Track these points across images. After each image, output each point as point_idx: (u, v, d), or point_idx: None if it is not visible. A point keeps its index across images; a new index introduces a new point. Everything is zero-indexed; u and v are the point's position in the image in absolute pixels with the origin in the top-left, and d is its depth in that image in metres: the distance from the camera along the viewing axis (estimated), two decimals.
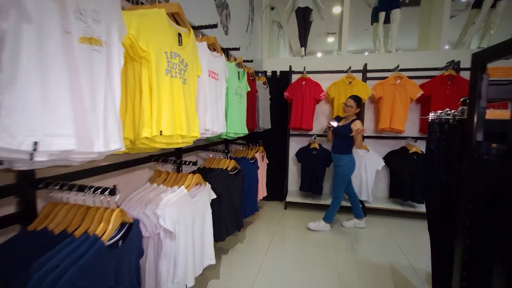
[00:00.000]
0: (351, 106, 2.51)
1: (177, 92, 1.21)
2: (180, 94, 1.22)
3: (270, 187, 3.45)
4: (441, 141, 1.22)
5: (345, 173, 2.59)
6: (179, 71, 1.23)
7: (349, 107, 2.52)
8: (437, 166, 1.10)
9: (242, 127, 2.21)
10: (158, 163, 1.54)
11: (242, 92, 2.21)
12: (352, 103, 2.51)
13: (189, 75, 1.32)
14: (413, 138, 3.09)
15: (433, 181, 1.15)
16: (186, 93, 1.29)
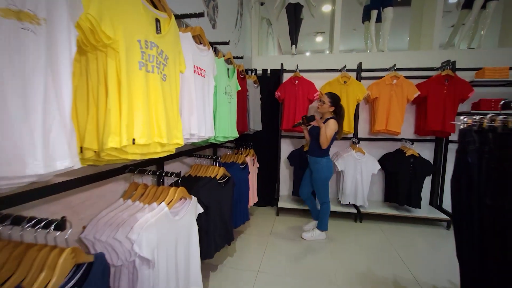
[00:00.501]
0: (324, 102, 2.36)
1: (154, 91, 0.99)
2: (159, 93, 1.00)
3: (261, 192, 3.26)
4: (482, 153, 0.97)
5: (324, 176, 2.43)
6: (157, 65, 1.01)
7: (321, 103, 2.37)
8: (479, 185, 0.92)
9: (232, 129, 2.00)
10: (134, 174, 1.31)
11: (232, 91, 2.00)
12: (326, 99, 2.34)
13: (170, 71, 1.10)
14: (409, 140, 2.98)
15: (472, 202, 0.95)
16: (166, 92, 1.07)
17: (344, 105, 2.83)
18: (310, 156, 2.49)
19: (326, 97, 2.36)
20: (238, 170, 2.32)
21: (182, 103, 1.33)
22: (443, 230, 2.80)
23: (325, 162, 2.41)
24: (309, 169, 2.56)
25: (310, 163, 2.50)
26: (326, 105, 2.35)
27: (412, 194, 2.81)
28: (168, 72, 1.08)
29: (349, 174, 2.93)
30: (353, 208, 3.01)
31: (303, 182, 2.62)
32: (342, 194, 2.99)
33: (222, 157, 2.46)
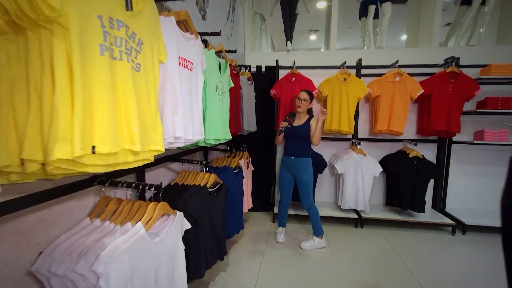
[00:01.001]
0: (305, 99, 2.22)
1: (123, 84, 0.77)
2: (129, 86, 0.78)
3: (256, 197, 3.06)
4: None
5: (311, 178, 2.31)
6: (127, 50, 0.79)
7: (303, 101, 2.23)
8: None
9: (224, 131, 1.79)
10: (105, 187, 1.08)
11: (224, 88, 1.79)
12: (306, 96, 2.22)
13: (146, 60, 0.88)
14: (412, 140, 2.83)
15: None
16: (140, 85, 0.85)
17: (344, 104, 2.66)
18: (297, 158, 2.28)
19: (306, 94, 2.24)
20: (231, 176, 2.11)
21: (164, 101, 1.11)
22: (448, 236, 2.66)
23: (311, 162, 2.32)
24: (290, 173, 2.36)
25: (297, 165, 2.29)
26: (307, 102, 2.23)
27: (416, 198, 2.66)
28: (143, 61, 0.86)
29: (350, 177, 2.76)
30: (353, 213, 2.84)
31: (284, 190, 2.43)
32: (342, 198, 2.82)
33: (214, 161, 2.24)
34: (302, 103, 2.23)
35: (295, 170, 2.32)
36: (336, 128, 2.77)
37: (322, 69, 3.00)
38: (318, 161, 2.85)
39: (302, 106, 2.24)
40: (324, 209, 2.96)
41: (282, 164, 2.40)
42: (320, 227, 2.38)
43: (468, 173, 2.99)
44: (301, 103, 2.23)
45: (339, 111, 2.75)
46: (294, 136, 2.27)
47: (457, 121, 2.54)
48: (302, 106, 2.24)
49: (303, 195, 2.33)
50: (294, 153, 2.31)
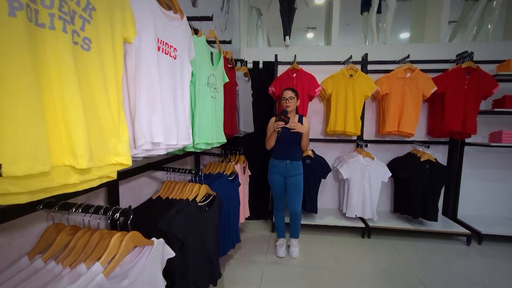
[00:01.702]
0: (292, 97, 2.04)
1: (57, 66, 0.50)
2: (68, 70, 0.51)
3: (253, 204, 2.80)
4: None
5: (302, 181, 2.16)
6: (65, 15, 0.52)
7: (290, 99, 2.04)
8: None
9: (218, 133, 1.53)
10: (54, 211, 0.81)
11: (218, 83, 1.52)
12: (292, 94, 2.05)
13: (100, 33, 0.62)
14: (423, 142, 2.60)
15: None
16: (91, 71, 0.58)
17: (350, 102, 2.42)
18: (292, 162, 2.11)
19: (290, 92, 2.06)
20: (226, 184, 1.85)
21: (138, 96, 0.85)
22: (463, 246, 2.44)
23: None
24: (282, 178, 2.16)
25: (292, 169, 2.11)
26: (294, 100, 2.05)
27: (428, 206, 2.43)
28: (95, 35, 0.59)
29: (356, 182, 2.53)
30: (360, 222, 2.61)
31: (279, 196, 2.24)
32: (348, 205, 2.58)
33: (206, 167, 1.98)
34: (289, 102, 2.04)
35: (289, 174, 2.13)
36: (341, 129, 2.53)
37: (324, 65, 2.76)
38: (321, 165, 2.60)
39: (291, 105, 2.05)
40: (327, 217, 2.72)
41: (272, 169, 2.18)
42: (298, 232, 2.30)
43: (482, 178, 2.78)
44: (289, 102, 2.04)
45: (344, 110, 2.51)
46: (288, 138, 2.04)
47: (473, 121, 2.32)
48: (291, 105, 2.05)
49: (298, 198, 2.17)
50: (289, 157, 2.11)
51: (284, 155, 2.10)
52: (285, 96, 2.06)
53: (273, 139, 2.06)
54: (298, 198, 2.18)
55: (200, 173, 1.35)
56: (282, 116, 1.94)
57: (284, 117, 1.93)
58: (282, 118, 1.93)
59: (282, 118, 1.93)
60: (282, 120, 1.92)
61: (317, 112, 2.91)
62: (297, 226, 2.27)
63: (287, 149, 2.10)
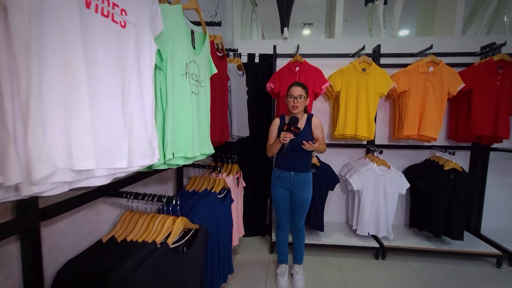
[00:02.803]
0: (301, 96, 1.66)
1: None
2: None
3: (249, 218, 2.42)
4: None
5: (311, 197, 1.81)
6: None
7: (299, 98, 1.66)
8: None
9: (202, 142, 1.13)
10: None
11: (202, 74, 1.12)
12: (302, 91, 1.67)
13: None
14: (443, 147, 2.25)
15: None
16: None
17: (363, 102, 2.05)
18: (298, 173, 1.74)
19: (301, 88, 1.68)
20: (215, 204, 1.45)
21: (39, 83, 0.44)
22: (492, 268, 2.10)
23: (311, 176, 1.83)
24: (287, 191, 1.79)
25: (298, 182, 1.75)
26: (304, 99, 1.68)
27: (452, 222, 2.08)
28: None
29: (369, 195, 2.16)
30: (373, 241, 2.24)
31: (282, 213, 1.85)
32: (359, 222, 2.21)
33: (190, 182, 1.57)
34: (298, 101, 1.66)
35: (295, 188, 1.76)
36: (352, 132, 2.16)
37: (329, 59, 2.38)
38: (328, 174, 2.22)
39: (300, 106, 1.67)
40: (335, 234, 2.35)
41: (275, 181, 1.80)
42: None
43: (509, 187, 2.45)
44: (297, 101, 1.66)
45: (355, 110, 2.13)
46: (295, 145, 1.66)
47: (506, 123, 1.98)
48: (300, 106, 1.67)
49: (301, 215, 1.84)
50: (294, 167, 1.73)
51: (288, 165, 1.73)
52: (293, 94, 1.67)
53: (275, 149, 1.68)
54: (302, 215, 1.84)
55: (175, 201, 0.94)
56: (292, 126, 1.56)
57: (294, 128, 1.56)
58: (292, 129, 1.55)
59: (291, 130, 1.55)
60: (291, 131, 1.55)
61: (321, 112, 2.53)
62: (301, 248, 1.92)
63: (293, 158, 1.72)
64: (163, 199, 0.93)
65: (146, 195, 0.94)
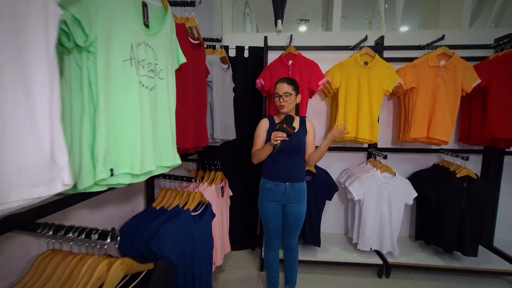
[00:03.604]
0: (288, 93, 1.43)
1: None
2: None
3: (237, 230, 2.17)
4: None
5: (305, 210, 1.57)
6: None
7: (285, 96, 1.43)
8: None
9: (162, 152, 0.87)
10: None
11: (160, 62, 0.85)
12: (288, 88, 1.44)
13: None
14: (452, 151, 2.01)
15: None
16: None
17: (364, 100, 1.80)
18: (293, 184, 1.48)
19: (286, 84, 1.44)
20: (187, 224, 1.18)
21: None
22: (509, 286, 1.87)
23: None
24: (279, 206, 1.53)
25: (293, 195, 1.49)
26: (292, 96, 1.44)
27: (466, 237, 1.84)
28: None
29: (371, 205, 1.91)
30: (376, 257, 1.99)
31: (273, 231, 1.58)
32: (360, 235, 1.96)
33: (159, 197, 1.30)
34: (284, 100, 1.42)
35: (289, 202, 1.50)
36: (352, 135, 1.90)
37: (326, 52, 2.12)
38: (326, 183, 1.97)
39: (287, 104, 1.43)
40: (332, 249, 2.10)
41: (265, 195, 1.54)
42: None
43: None
44: (283, 100, 1.42)
45: (356, 110, 1.88)
46: (287, 149, 1.42)
47: None
48: (286, 105, 1.43)
49: (295, 233, 1.59)
50: (290, 177, 1.48)
51: (282, 175, 1.47)
52: (278, 92, 1.43)
53: (264, 154, 1.42)
54: (296, 233, 1.59)
55: (111, 238, 0.67)
56: (285, 125, 1.30)
57: (288, 126, 1.30)
58: (285, 128, 1.29)
59: (284, 128, 1.29)
60: (284, 130, 1.29)
61: (318, 112, 2.27)
62: (294, 269, 1.69)
63: (287, 165, 1.46)
64: (93, 235, 0.66)
65: (71, 229, 0.67)
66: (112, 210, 1.13)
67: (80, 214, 0.93)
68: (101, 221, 1.08)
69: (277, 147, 1.31)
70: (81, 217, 0.93)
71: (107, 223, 1.13)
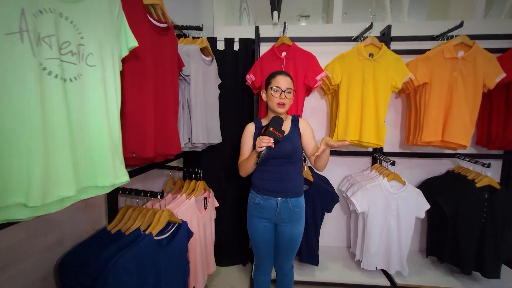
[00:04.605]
0: (290, 89, 1.21)
1: None
2: None
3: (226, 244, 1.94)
4: None
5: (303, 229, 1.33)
6: None
7: (287, 93, 1.20)
8: None
9: (97, 167, 0.63)
10: None
11: (89, 43, 0.61)
12: (290, 83, 1.22)
13: None
14: (472, 156, 1.76)
15: None
16: None
17: (370, 97, 1.56)
18: (288, 200, 1.23)
19: (289, 78, 1.22)
20: (149, 253, 0.94)
21: None
22: None
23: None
24: (271, 225, 1.30)
25: (288, 213, 1.25)
26: (292, 94, 1.22)
27: (487, 256, 1.59)
28: None
29: (377, 218, 1.66)
30: (382, 277, 1.74)
31: (264, 253, 1.34)
32: (364, 252, 1.71)
33: (116, 218, 1.05)
34: (286, 96, 1.19)
35: (282, 220, 1.26)
36: (355, 138, 1.66)
37: (325, 44, 1.87)
38: (325, 193, 1.72)
39: (287, 103, 1.21)
40: (333, 266, 1.85)
41: (253, 211, 1.30)
42: None
43: None
44: (285, 97, 1.19)
45: (360, 109, 1.63)
46: (281, 156, 1.20)
47: None
48: (287, 103, 1.20)
49: (290, 256, 1.35)
50: (283, 190, 1.23)
51: (272, 188, 1.23)
52: (279, 86, 1.18)
53: (251, 164, 1.17)
54: (291, 256, 1.36)
55: None
56: (271, 127, 1.05)
57: (275, 130, 1.05)
58: (271, 131, 1.04)
59: (270, 132, 1.04)
60: (270, 134, 1.04)
61: (316, 111, 2.02)
62: None
63: (277, 176, 1.22)
64: None
65: None
66: (66, 230, 0.91)
67: (13, 242, 0.71)
68: (47, 246, 0.85)
69: (262, 155, 1.06)
70: (16, 245, 0.71)
71: (55, 249, 0.90)
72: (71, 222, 0.96)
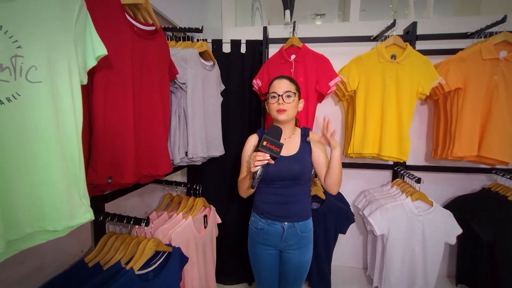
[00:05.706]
0: (290, 93, 1.04)
1: None
2: None
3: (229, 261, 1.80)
4: None
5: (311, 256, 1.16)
6: None
7: (286, 97, 1.03)
8: None
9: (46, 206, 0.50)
10: None
11: (30, 54, 0.48)
12: (290, 87, 1.05)
13: None
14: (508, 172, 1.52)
15: None
16: None
17: (391, 105, 1.36)
18: (295, 224, 1.07)
19: (288, 81, 1.06)
20: None
21: None
22: None
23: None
24: (275, 251, 1.14)
25: (292, 239, 1.08)
26: (295, 97, 1.05)
27: None
28: None
29: (399, 243, 1.46)
30: None
31: (267, 282, 1.18)
32: (384, 279, 1.51)
33: (96, 248, 0.93)
34: (284, 101, 1.02)
35: (288, 248, 1.10)
36: (373, 151, 1.46)
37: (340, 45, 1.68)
38: (339, 212, 1.53)
39: (289, 109, 1.03)
40: None
41: (256, 236, 1.15)
42: None
43: None
44: (283, 102, 1.02)
45: (380, 118, 1.43)
46: (283, 178, 1.02)
47: None
48: (289, 109, 1.03)
49: (297, 285, 1.17)
50: (287, 215, 1.07)
51: (278, 212, 1.07)
52: (275, 91, 1.03)
53: (247, 187, 1.03)
54: (299, 284, 1.19)
55: None
56: (265, 141, 0.88)
57: (270, 143, 0.88)
58: (265, 146, 0.88)
59: (265, 147, 0.88)
60: (265, 149, 0.88)
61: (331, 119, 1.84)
62: None
63: (284, 199, 1.06)
64: None
65: None
66: (47, 256, 0.81)
67: None
68: (24, 274, 0.75)
69: (258, 176, 0.88)
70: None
71: (36, 277, 0.80)
72: (53, 247, 0.86)
